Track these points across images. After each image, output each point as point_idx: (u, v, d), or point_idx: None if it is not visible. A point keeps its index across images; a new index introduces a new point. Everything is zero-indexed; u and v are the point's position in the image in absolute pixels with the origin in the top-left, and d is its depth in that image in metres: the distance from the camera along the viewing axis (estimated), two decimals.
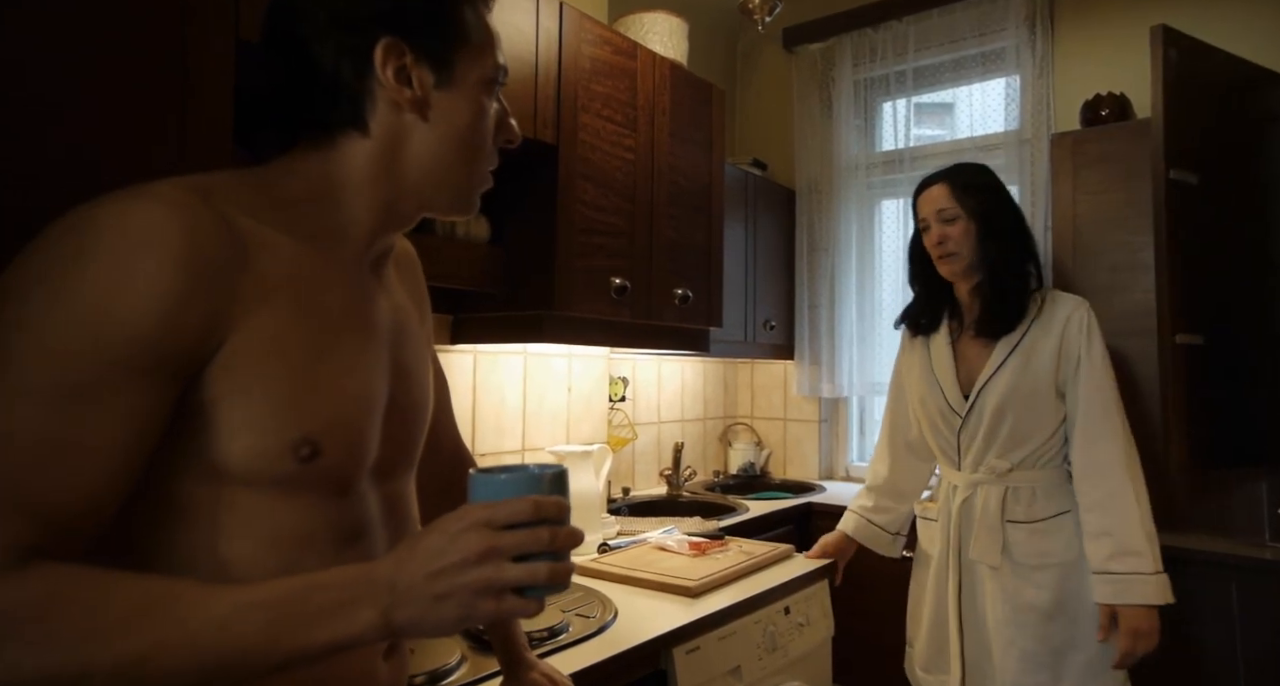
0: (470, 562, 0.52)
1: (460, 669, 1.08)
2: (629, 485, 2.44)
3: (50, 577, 0.47)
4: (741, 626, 1.42)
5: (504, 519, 0.54)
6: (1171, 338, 1.83)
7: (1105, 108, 2.23)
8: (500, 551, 0.53)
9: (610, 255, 1.66)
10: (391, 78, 0.63)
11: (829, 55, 2.91)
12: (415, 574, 0.52)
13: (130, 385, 0.51)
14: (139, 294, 0.51)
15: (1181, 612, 1.86)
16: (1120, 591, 1.39)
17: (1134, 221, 2.08)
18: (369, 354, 0.68)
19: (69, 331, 0.50)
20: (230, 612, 0.49)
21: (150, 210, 0.53)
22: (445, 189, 0.69)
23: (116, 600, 0.48)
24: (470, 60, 0.67)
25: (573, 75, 1.57)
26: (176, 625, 0.48)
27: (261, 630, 0.49)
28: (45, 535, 0.48)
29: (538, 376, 1.98)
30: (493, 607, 0.53)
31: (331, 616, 0.51)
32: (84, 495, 0.50)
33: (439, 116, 0.66)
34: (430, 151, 0.66)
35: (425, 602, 0.52)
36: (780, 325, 2.80)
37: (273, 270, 0.59)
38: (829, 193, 2.86)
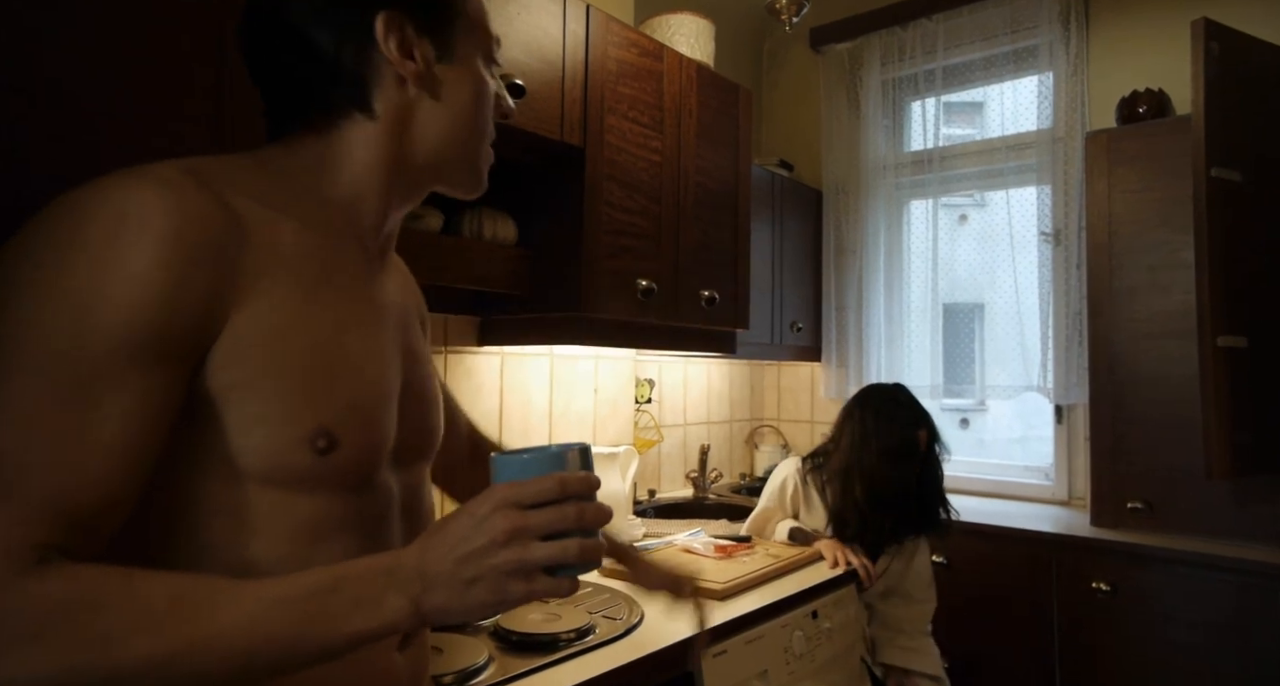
0: (498, 544, 0.50)
1: (488, 668, 1.08)
2: (655, 487, 2.43)
3: (75, 577, 0.46)
4: (769, 630, 1.40)
5: (530, 498, 0.52)
6: (1213, 340, 1.78)
7: (1143, 104, 2.18)
8: (528, 531, 0.51)
9: (637, 257, 1.66)
10: (395, 50, 0.62)
11: (857, 55, 2.89)
12: (443, 559, 0.51)
13: (136, 374, 0.50)
14: (134, 278, 0.49)
15: (1226, 622, 1.81)
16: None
17: (1173, 220, 2.03)
18: (381, 337, 0.66)
19: (70, 325, 0.48)
20: (258, 609, 0.48)
21: (140, 190, 0.51)
22: (456, 166, 0.68)
23: (143, 599, 0.47)
24: (467, 33, 0.66)
25: (599, 78, 1.57)
26: (205, 623, 0.47)
27: (291, 625, 0.48)
28: (66, 534, 0.47)
29: (564, 378, 1.99)
30: (524, 589, 0.51)
31: (361, 607, 0.50)
32: (101, 492, 0.49)
33: (444, 91, 0.65)
34: (438, 128, 0.65)
35: (455, 587, 0.50)
36: (807, 327, 2.78)
37: (275, 250, 0.58)
38: (856, 193, 2.84)
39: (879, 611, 1.87)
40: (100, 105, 0.79)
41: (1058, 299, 2.42)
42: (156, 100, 0.83)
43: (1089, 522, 2.15)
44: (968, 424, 4.27)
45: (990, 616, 2.12)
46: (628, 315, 1.65)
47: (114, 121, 0.81)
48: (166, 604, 0.47)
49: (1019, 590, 2.09)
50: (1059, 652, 2.03)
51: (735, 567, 1.55)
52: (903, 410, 1.81)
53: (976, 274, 2.92)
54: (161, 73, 0.84)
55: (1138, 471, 2.07)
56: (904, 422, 1.78)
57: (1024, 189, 2.58)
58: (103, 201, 0.51)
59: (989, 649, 2.12)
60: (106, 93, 0.79)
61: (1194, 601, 1.85)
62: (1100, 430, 2.15)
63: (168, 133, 0.85)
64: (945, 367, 2.75)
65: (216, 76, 0.89)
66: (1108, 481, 2.12)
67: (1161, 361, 2.05)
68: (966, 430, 4.23)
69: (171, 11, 0.85)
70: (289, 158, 0.64)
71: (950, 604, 1.94)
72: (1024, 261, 2.56)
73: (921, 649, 1.82)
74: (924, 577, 1.88)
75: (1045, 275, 2.47)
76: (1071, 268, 2.40)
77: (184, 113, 0.84)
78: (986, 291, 3.00)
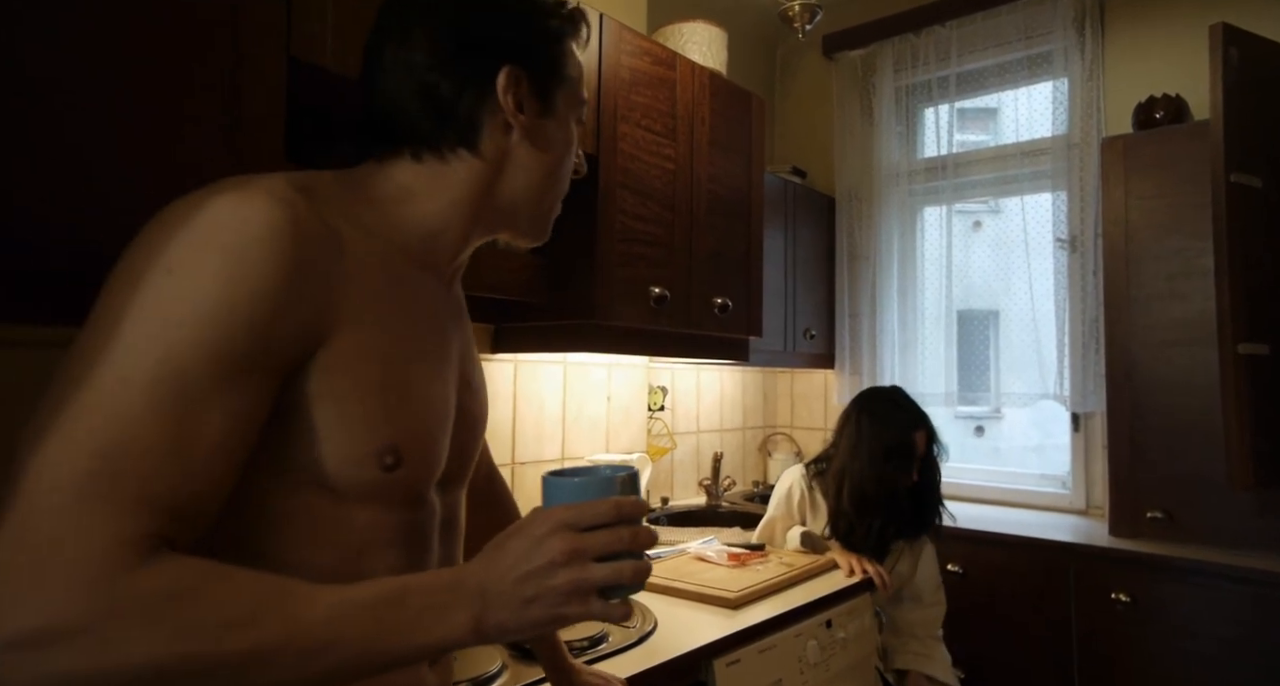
0: (558, 565, 0.52)
1: (501, 676, 1.09)
2: (668, 495, 2.43)
3: (182, 568, 0.47)
4: (782, 639, 1.40)
5: (588, 521, 0.54)
6: (1234, 347, 1.76)
7: (1160, 110, 2.16)
8: (585, 552, 0.53)
9: (650, 264, 1.67)
10: (510, 102, 0.66)
11: (869, 61, 2.88)
12: (504, 578, 0.52)
13: (242, 380, 0.52)
14: (257, 292, 0.52)
15: (1248, 635, 1.78)
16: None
17: (1192, 227, 2.01)
18: (446, 367, 0.69)
19: (193, 327, 0.50)
20: (335, 612, 0.49)
21: (263, 204, 0.54)
22: (530, 212, 0.73)
23: (241, 594, 0.48)
24: (567, 93, 0.71)
25: (612, 86, 1.58)
26: (291, 622, 0.48)
27: (364, 630, 0.49)
28: (171, 527, 0.48)
29: (577, 385, 1.99)
30: (580, 610, 0.52)
31: (428, 620, 0.51)
32: (203, 487, 0.50)
33: (542, 143, 0.70)
34: (527, 176, 0.70)
35: (515, 606, 0.52)
36: (820, 334, 2.77)
37: (365, 272, 0.61)
38: (870, 200, 2.83)
39: (890, 616, 1.86)
40: (100, 105, 0.79)
41: (1074, 306, 2.40)
42: (156, 100, 0.84)
43: (1107, 532, 2.12)
44: (983, 432, 4.24)
45: (1007, 626, 2.10)
46: (641, 322, 1.65)
47: (114, 122, 0.81)
48: (261, 601, 0.48)
49: (1036, 600, 2.07)
50: (1077, 664, 2.00)
51: (749, 576, 1.55)
52: (899, 412, 1.81)
53: (991, 280, 2.90)
54: (162, 73, 0.84)
55: (1157, 480, 2.05)
56: (899, 425, 1.79)
57: (1039, 195, 2.57)
58: (229, 213, 0.53)
59: (1006, 659, 2.10)
60: (106, 92, 0.80)
61: (1215, 613, 1.83)
62: (1118, 438, 2.12)
63: (168, 133, 0.86)
64: (960, 375, 2.73)
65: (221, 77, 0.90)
66: (1126, 490, 2.10)
67: (1180, 369, 2.02)
68: (981, 438, 4.19)
69: (172, 11, 0.86)
70: (383, 183, 0.66)
71: (966, 613, 1.92)
72: (1039, 268, 2.54)
73: (933, 654, 1.81)
74: (932, 580, 1.87)
75: (1061, 282, 2.45)
76: (1088, 274, 2.38)
77: (184, 112, 0.85)
78: (1001, 298, 2.98)
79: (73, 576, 0.43)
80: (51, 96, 0.77)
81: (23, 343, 0.99)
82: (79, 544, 0.44)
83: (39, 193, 0.76)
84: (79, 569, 0.44)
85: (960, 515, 2.33)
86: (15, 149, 0.75)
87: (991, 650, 2.09)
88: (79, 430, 0.47)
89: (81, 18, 0.79)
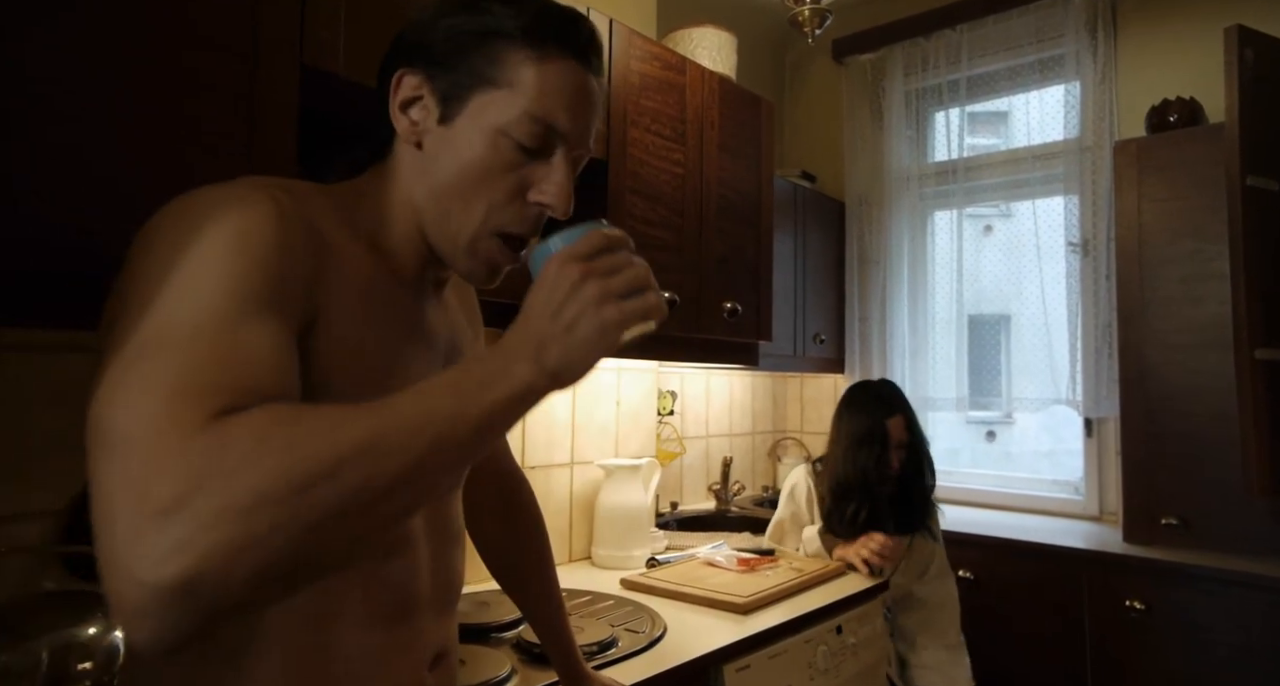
0: (578, 286, 0.53)
1: (511, 680, 1.08)
2: (677, 499, 2.42)
3: (270, 406, 0.47)
4: (792, 645, 1.39)
5: (585, 250, 0.55)
6: (1250, 352, 1.74)
7: (1174, 113, 2.15)
8: (596, 270, 0.54)
9: (659, 269, 1.67)
10: (397, 108, 0.66)
11: (879, 66, 2.88)
12: (541, 319, 0.54)
13: (270, 314, 0.53)
14: (263, 240, 0.54)
15: (1265, 643, 1.75)
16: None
17: (1205, 230, 1.99)
18: (429, 368, 0.69)
19: (214, 275, 0.52)
20: (414, 397, 0.50)
21: (250, 190, 0.57)
22: (442, 233, 0.67)
23: (331, 408, 0.49)
24: (490, 103, 0.63)
25: (622, 91, 1.58)
26: (383, 411, 0.48)
27: (447, 403, 0.50)
28: (244, 400, 0.48)
29: (586, 390, 1.99)
30: (616, 312, 0.53)
31: (496, 379, 0.52)
32: (273, 379, 0.51)
33: (435, 150, 0.65)
34: (423, 183, 0.66)
35: (561, 337, 0.53)
36: (830, 339, 2.76)
37: (348, 272, 0.62)
38: (880, 204, 2.82)
39: (899, 626, 1.85)
40: (100, 105, 0.80)
41: (1086, 310, 2.38)
42: (171, 108, 0.84)
43: (1121, 538, 2.10)
44: (994, 437, 4.20)
45: (1019, 634, 2.08)
46: None
47: (129, 129, 0.82)
48: (351, 407, 0.48)
49: (1049, 607, 2.05)
50: (1090, 672, 1.98)
51: (758, 581, 1.54)
52: (874, 401, 1.86)
53: (1002, 285, 2.88)
54: (176, 81, 0.85)
55: (1172, 486, 2.03)
56: (873, 412, 1.83)
57: (1050, 199, 2.55)
58: (225, 195, 0.56)
59: (1018, 667, 2.08)
60: (106, 93, 0.80)
61: (1231, 621, 1.80)
62: (1132, 444, 2.10)
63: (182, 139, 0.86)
64: (971, 380, 2.71)
65: (236, 84, 0.91)
66: (1140, 496, 2.08)
67: (1195, 373, 2.00)
68: (993, 443, 4.16)
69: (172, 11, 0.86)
70: (353, 192, 0.68)
71: (977, 620, 1.90)
72: (1051, 272, 2.52)
73: (939, 667, 1.78)
74: (931, 578, 1.84)
75: (1073, 286, 2.43)
76: (1100, 278, 2.36)
77: (183, 112, 0.86)
78: (1013, 302, 2.96)
79: (157, 456, 0.43)
80: (54, 100, 0.78)
81: (30, 346, 1.00)
82: (178, 424, 0.44)
83: (45, 196, 0.77)
84: (183, 434, 0.44)
85: (971, 521, 2.32)
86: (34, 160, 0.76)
87: (1004, 658, 2.07)
88: (144, 372, 0.47)
89: (95, 26, 0.80)
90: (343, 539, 0.46)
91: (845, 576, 1.67)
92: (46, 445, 1.00)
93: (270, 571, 0.43)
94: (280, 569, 0.43)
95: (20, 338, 1.00)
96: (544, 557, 1.03)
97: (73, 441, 1.01)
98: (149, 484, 0.42)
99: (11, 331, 0.99)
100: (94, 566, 0.46)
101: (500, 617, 1.30)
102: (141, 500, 0.42)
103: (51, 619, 0.87)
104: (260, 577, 0.42)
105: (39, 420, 0.99)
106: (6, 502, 0.97)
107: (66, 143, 0.77)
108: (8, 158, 0.74)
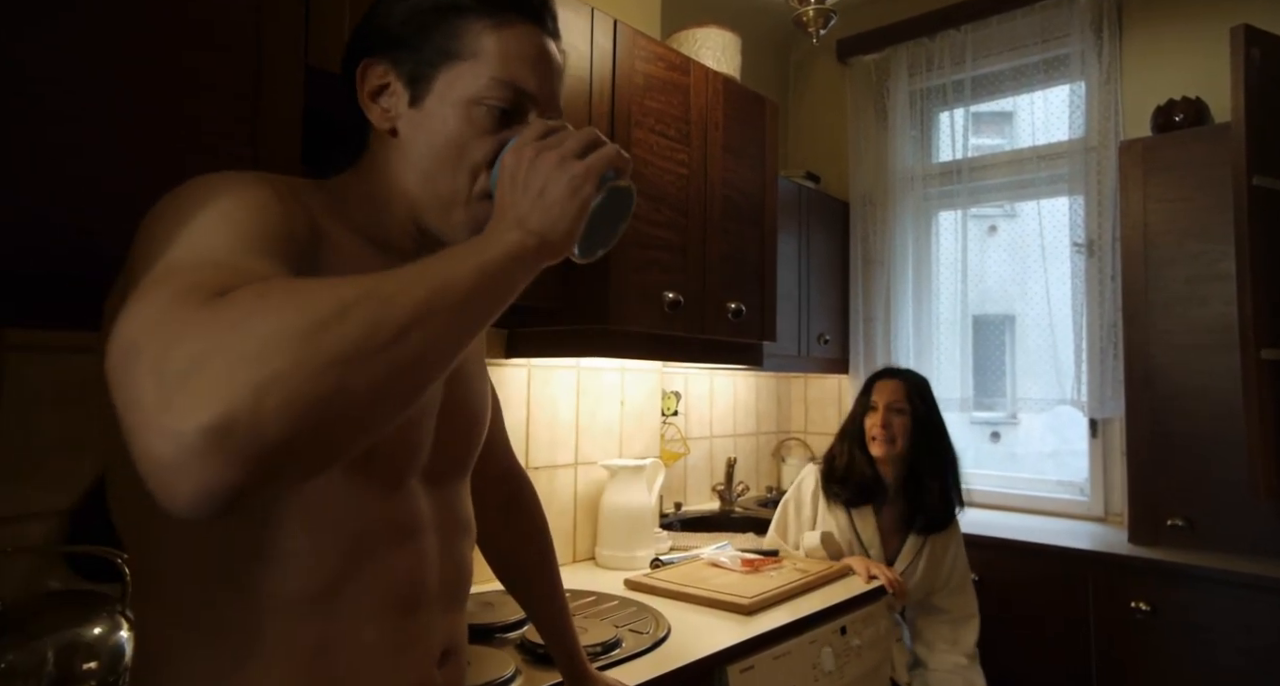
0: (534, 161, 0.57)
1: (515, 681, 1.08)
2: (681, 500, 2.42)
3: (268, 278, 0.48)
4: (796, 646, 1.39)
5: (531, 136, 0.59)
6: (1256, 352, 1.74)
7: (1180, 113, 2.14)
8: (548, 145, 0.57)
9: (664, 270, 1.67)
10: (366, 98, 0.66)
11: (884, 66, 2.87)
12: (513, 196, 0.57)
13: (279, 262, 0.53)
14: (267, 205, 0.56)
15: (1272, 645, 1.74)
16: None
17: (1212, 230, 1.99)
18: None
19: (223, 222, 0.53)
20: (416, 267, 0.50)
21: (249, 175, 0.60)
22: (428, 204, 0.67)
23: (333, 275, 0.50)
24: (457, 77, 0.64)
25: (626, 91, 1.58)
26: (382, 275, 0.48)
27: (441, 263, 0.50)
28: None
29: (591, 390, 1.99)
30: (581, 168, 0.56)
31: (487, 246, 0.53)
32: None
33: (411, 134, 0.66)
34: (404, 167, 0.67)
35: (537, 203, 0.55)
36: (834, 339, 2.76)
37: (342, 261, 0.62)
38: (884, 204, 2.82)
39: (919, 629, 1.84)
40: (100, 105, 0.80)
41: (1091, 310, 2.38)
42: (155, 100, 0.84)
43: (1126, 539, 2.09)
44: (999, 438, 4.19)
45: (1024, 635, 2.07)
46: (654, 328, 1.65)
47: (114, 122, 0.82)
48: (345, 277, 0.48)
49: (1054, 608, 2.04)
50: (1096, 673, 1.97)
51: (762, 582, 1.54)
52: (882, 371, 1.90)
53: (1007, 285, 2.87)
54: (162, 73, 0.85)
55: (1177, 487, 2.02)
56: (862, 390, 1.88)
57: (1055, 199, 2.55)
58: (227, 175, 0.59)
59: (1023, 668, 2.07)
60: (106, 92, 0.80)
61: (1238, 623, 1.79)
62: (1137, 444, 2.09)
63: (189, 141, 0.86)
64: (975, 380, 2.70)
65: (242, 84, 0.91)
66: (1146, 497, 2.07)
67: (1201, 374, 1.99)
68: (997, 444, 4.15)
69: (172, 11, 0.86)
70: (341, 186, 0.70)
71: (982, 621, 1.89)
72: (1056, 272, 2.51)
73: (960, 671, 1.76)
74: (953, 591, 1.83)
75: (1078, 286, 2.42)
76: (1105, 279, 2.35)
77: (184, 112, 0.86)
78: (1017, 303, 2.95)
79: (191, 314, 0.43)
80: (54, 100, 0.78)
81: (34, 347, 1.01)
82: (186, 304, 0.44)
83: (45, 196, 0.77)
84: (191, 310, 0.43)
85: (976, 522, 2.31)
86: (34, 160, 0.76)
87: (1009, 659, 2.06)
88: (154, 290, 0.46)
89: (95, 26, 0.80)
90: (366, 383, 0.44)
91: (849, 577, 1.67)
92: (51, 445, 1.00)
93: (302, 411, 0.41)
94: (312, 410, 0.41)
95: (24, 338, 1.00)
96: (547, 558, 1.03)
97: (77, 442, 1.03)
98: (166, 358, 0.41)
99: (15, 332, 0.99)
100: (98, 566, 0.45)
101: (504, 618, 1.30)
102: (162, 373, 0.40)
103: (56, 619, 0.87)
104: (292, 416, 0.40)
105: (43, 420, 1.00)
106: (11, 502, 0.97)
107: (66, 143, 0.77)
108: (8, 158, 0.74)
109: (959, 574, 1.84)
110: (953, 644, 1.81)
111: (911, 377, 1.86)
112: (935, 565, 1.82)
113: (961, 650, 1.80)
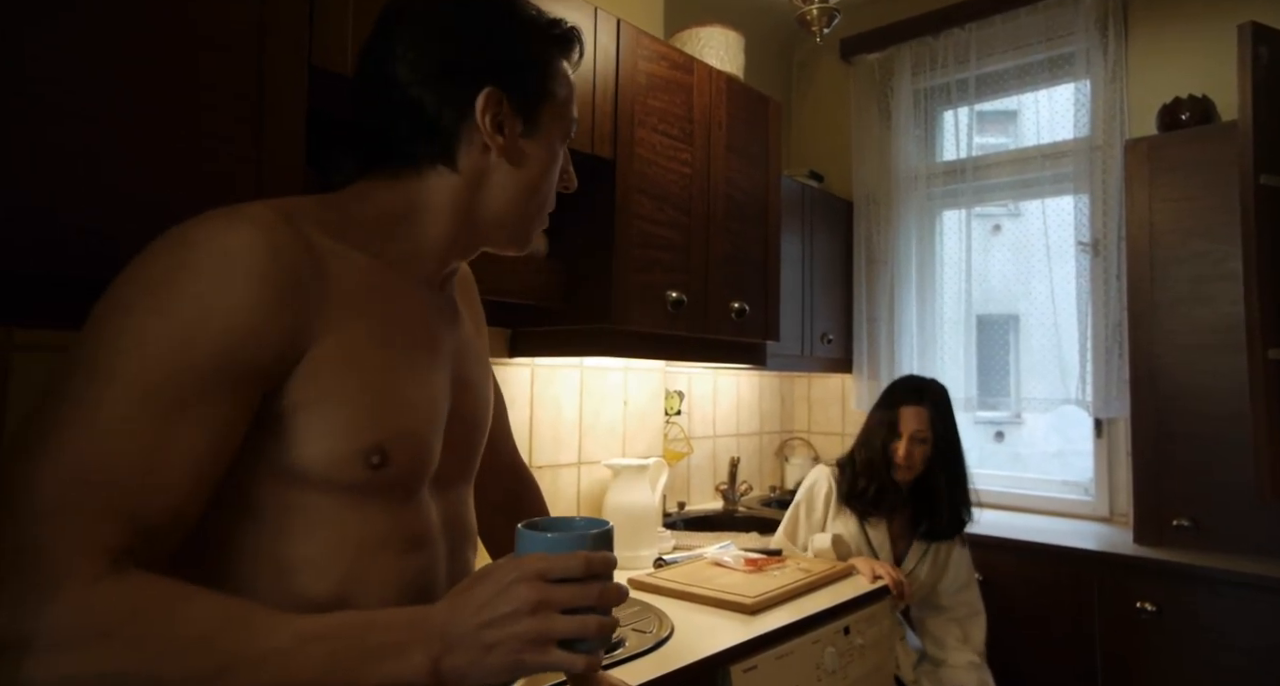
0: (522, 614, 0.53)
1: (516, 680, 1.08)
2: (684, 499, 2.42)
3: (140, 585, 0.49)
4: (800, 646, 1.38)
5: (557, 573, 0.55)
6: (1263, 353, 1.72)
7: (1185, 111, 2.13)
8: (551, 603, 0.53)
9: (667, 269, 1.66)
10: (488, 124, 0.68)
11: (887, 65, 2.87)
12: (467, 622, 0.53)
13: (220, 396, 0.54)
14: (232, 309, 0.54)
15: (1278, 646, 1.74)
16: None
17: (1218, 229, 1.98)
18: (435, 368, 0.70)
19: (170, 343, 0.52)
20: (293, 643, 0.50)
21: (241, 231, 0.57)
22: (508, 227, 0.73)
23: (197, 617, 0.50)
24: (554, 113, 0.72)
25: (629, 91, 1.58)
26: (245, 648, 0.49)
27: (319, 664, 0.50)
28: (137, 540, 0.50)
29: (594, 389, 1.99)
30: (540, 658, 0.53)
31: (384, 657, 0.52)
32: (176, 503, 0.52)
33: (522, 162, 0.71)
34: (506, 193, 0.71)
35: (474, 651, 0.53)
36: (838, 338, 2.75)
37: (350, 284, 0.63)
38: (888, 204, 2.81)
39: (927, 628, 1.85)
40: (100, 106, 0.80)
41: (1096, 310, 2.37)
42: (156, 100, 0.84)
43: (1131, 540, 2.08)
44: (1003, 437, 4.18)
45: (1029, 635, 2.07)
46: (657, 327, 1.65)
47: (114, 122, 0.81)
48: (216, 626, 0.49)
49: (1059, 609, 2.04)
50: (1101, 674, 1.97)
51: (766, 581, 1.54)
52: (904, 389, 1.87)
53: (1011, 284, 2.86)
54: (162, 73, 0.85)
55: (1183, 487, 2.01)
56: (890, 398, 1.86)
57: (1060, 198, 2.54)
58: (208, 238, 0.56)
59: (1029, 669, 2.06)
60: (106, 92, 0.80)
61: (1244, 624, 1.79)
62: (1143, 444, 2.09)
63: (194, 142, 0.87)
64: (979, 379, 2.70)
65: (246, 86, 0.91)
66: (1151, 497, 2.06)
67: (1207, 374, 1.99)
68: (1002, 443, 4.14)
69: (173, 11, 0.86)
70: (363, 203, 0.69)
71: (988, 621, 1.89)
72: (1060, 272, 2.50)
73: (972, 669, 1.76)
74: (959, 589, 1.83)
75: (1083, 286, 2.41)
76: (1110, 278, 2.34)
77: (184, 112, 0.86)
78: (1022, 302, 2.94)
79: (37, 585, 0.45)
80: (54, 100, 0.78)
81: (38, 347, 1.01)
82: (49, 553, 0.46)
83: (45, 196, 0.77)
84: (45, 578, 0.45)
85: (981, 521, 2.30)
86: (34, 160, 0.76)
87: (1014, 660, 2.06)
88: (58, 443, 0.48)
89: (95, 26, 0.80)
90: None
91: (853, 577, 1.67)
92: None
93: None
94: None
95: (30, 338, 1.00)
96: None
97: None
98: (23, 608, 0.45)
99: (21, 332, 1.00)
100: None
101: None
102: (12, 617, 0.45)
103: None
104: None
105: None
106: None
107: (67, 143, 0.78)
108: (8, 158, 0.74)
109: (963, 573, 1.85)
110: (963, 641, 1.81)
111: (935, 400, 1.83)
112: (940, 566, 1.84)
113: (973, 647, 1.80)
